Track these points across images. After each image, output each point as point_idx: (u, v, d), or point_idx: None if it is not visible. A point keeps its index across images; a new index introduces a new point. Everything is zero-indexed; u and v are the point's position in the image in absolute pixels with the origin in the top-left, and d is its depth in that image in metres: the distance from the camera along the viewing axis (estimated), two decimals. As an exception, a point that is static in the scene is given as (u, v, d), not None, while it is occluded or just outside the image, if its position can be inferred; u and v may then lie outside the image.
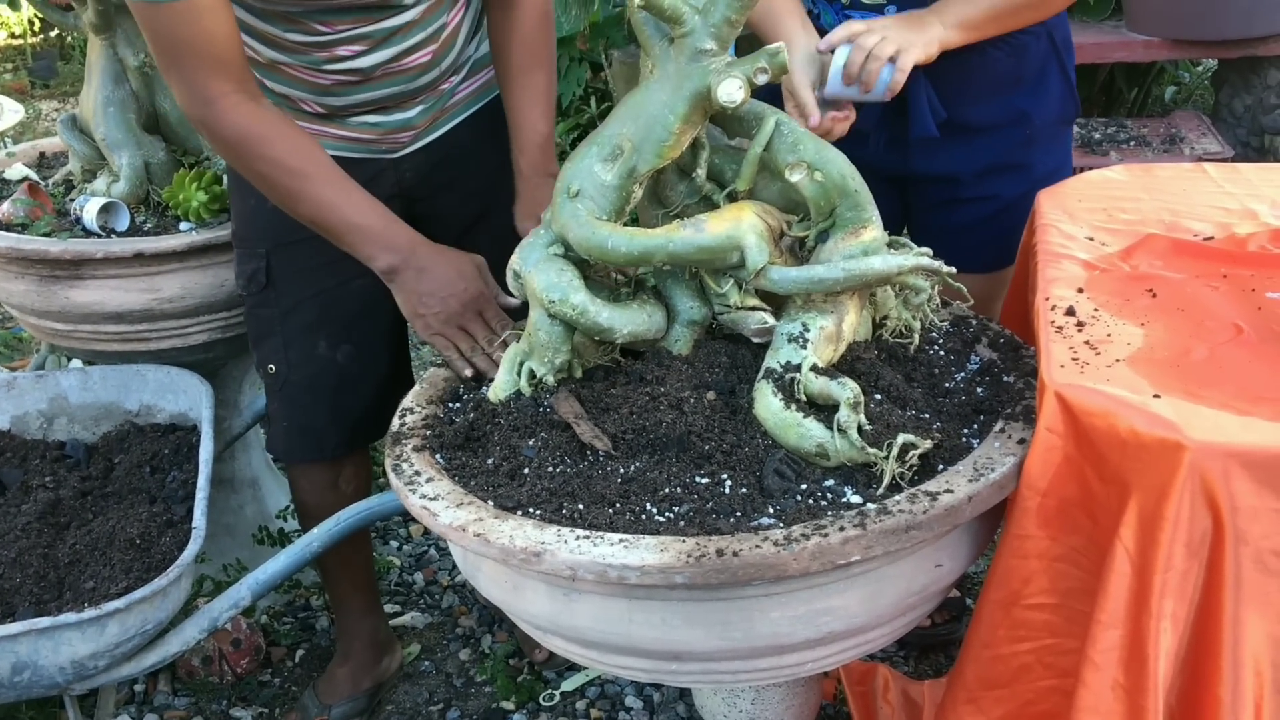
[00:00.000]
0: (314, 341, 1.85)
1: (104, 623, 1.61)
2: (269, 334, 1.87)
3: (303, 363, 1.86)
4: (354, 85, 1.71)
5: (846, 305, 1.37)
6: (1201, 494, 1.09)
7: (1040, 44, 1.79)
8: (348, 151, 1.77)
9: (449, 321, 1.59)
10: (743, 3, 1.30)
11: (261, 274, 1.83)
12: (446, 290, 1.60)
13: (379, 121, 1.78)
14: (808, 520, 1.17)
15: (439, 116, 1.83)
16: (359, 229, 1.61)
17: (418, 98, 1.78)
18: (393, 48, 1.68)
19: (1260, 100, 3.83)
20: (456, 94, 1.84)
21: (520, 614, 1.33)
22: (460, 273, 1.62)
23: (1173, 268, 1.46)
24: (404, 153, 1.82)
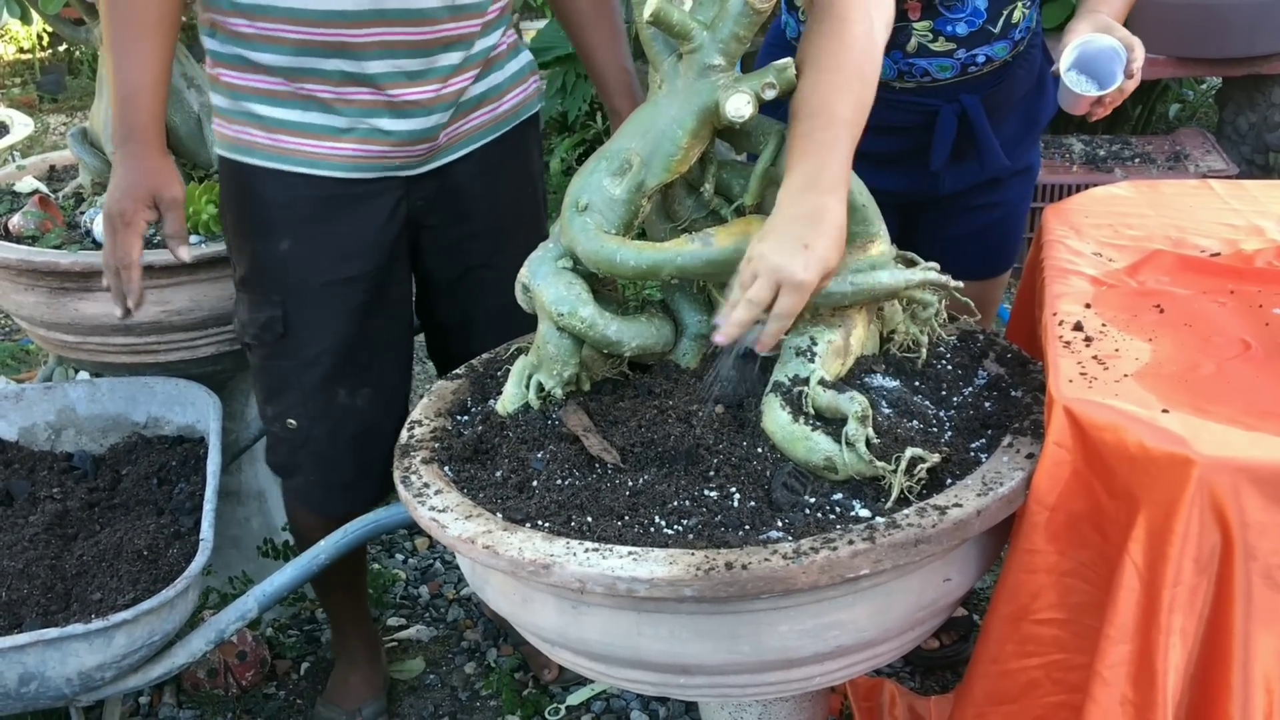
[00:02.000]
0: (334, 390, 1.77)
1: (111, 634, 1.61)
2: (286, 387, 1.78)
3: (325, 414, 1.78)
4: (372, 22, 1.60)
5: (854, 319, 1.37)
6: (1210, 509, 1.09)
7: (1038, 52, 1.83)
8: (361, 172, 1.71)
9: (106, 220, 1.60)
10: (750, 19, 1.31)
11: (278, 323, 1.73)
12: (114, 190, 1.59)
13: (393, 130, 1.69)
14: (816, 534, 1.17)
15: (454, 139, 1.75)
16: (114, 86, 1.57)
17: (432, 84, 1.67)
18: None
19: (1265, 118, 3.84)
20: (471, 117, 1.77)
21: (528, 627, 1.33)
22: (128, 185, 1.58)
23: (1180, 284, 1.47)
24: (417, 171, 1.74)
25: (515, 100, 1.83)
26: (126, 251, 1.58)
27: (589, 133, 4.60)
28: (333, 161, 1.70)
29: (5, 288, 2.13)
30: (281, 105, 1.68)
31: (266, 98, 1.68)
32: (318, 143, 1.69)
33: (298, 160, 1.69)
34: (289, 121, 1.69)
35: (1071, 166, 3.56)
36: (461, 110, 1.74)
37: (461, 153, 1.78)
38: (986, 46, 1.70)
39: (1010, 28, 1.70)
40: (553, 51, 4.61)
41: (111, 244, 1.60)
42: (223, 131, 1.73)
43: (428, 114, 1.70)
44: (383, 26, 1.62)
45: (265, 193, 1.71)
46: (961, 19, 1.66)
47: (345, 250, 1.73)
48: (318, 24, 1.61)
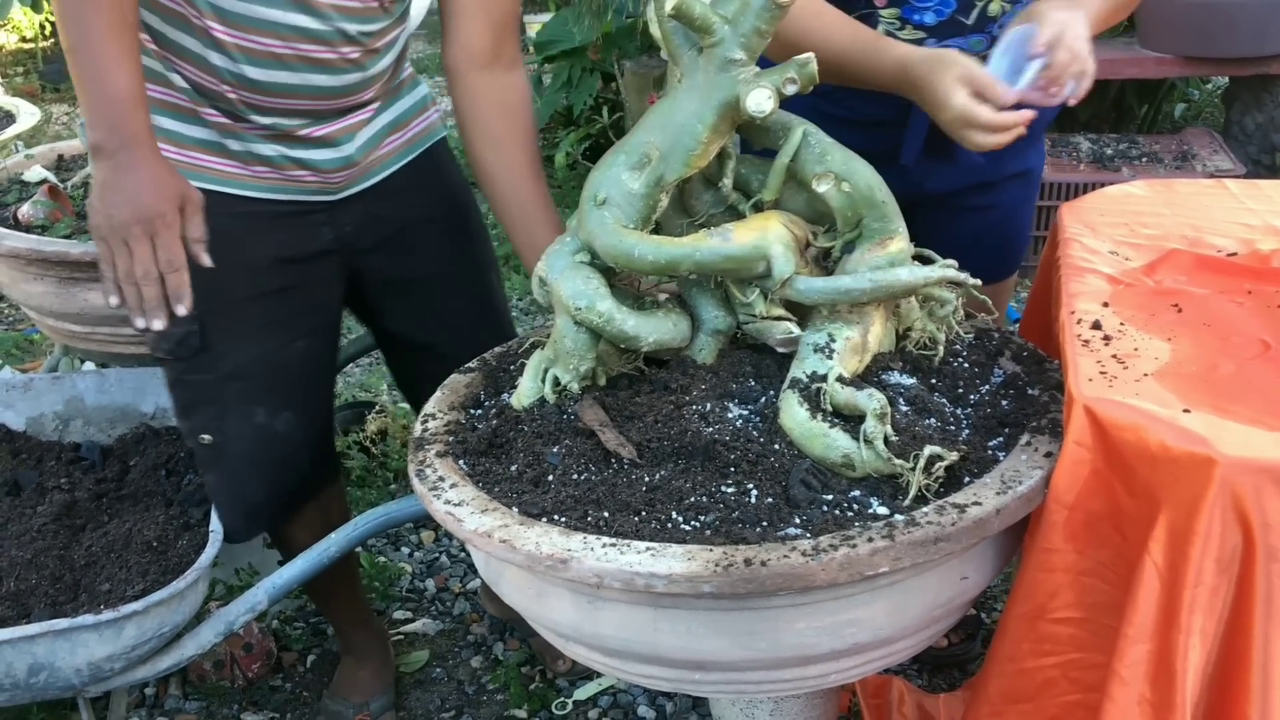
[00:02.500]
0: (252, 410, 1.75)
1: (122, 625, 1.61)
2: (202, 402, 1.75)
3: (241, 433, 1.75)
4: (271, 58, 1.59)
5: (872, 316, 1.37)
6: (1232, 509, 1.09)
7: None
8: (277, 194, 1.70)
9: (116, 230, 1.45)
10: (773, 13, 1.30)
11: (195, 338, 1.69)
12: (131, 197, 1.45)
13: (306, 159, 1.69)
14: (835, 531, 1.17)
15: (367, 167, 1.75)
16: (104, 93, 1.45)
17: (335, 119, 1.69)
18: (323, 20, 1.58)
19: (1271, 118, 3.84)
20: (383, 145, 1.77)
21: (543, 621, 1.33)
22: (156, 188, 1.47)
23: (1197, 283, 1.46)
24: (341, 196, 1.74)
25: (420, 127, 1.84)
26: (177, 253, 1.48)
27: (594, 127, 4.59)
28: (247, 182, 1.69)
29: (15, 277, 2.13)
30: (191, 123, 1.66)
31: (175, 113, 1.66)
32: (229, 163, 1.68)
33: (210, 178, 1.67)
34: (200, 140, 1.67)
35: (1079, 165, 3.56)
36: (373, 141, 1.76)
37: (377, 178, 1.79)
38: (960, 39, 1.64)
39: (987, 21, 1.64)
40: (557, 45, 4.61)
41: (148, 249, 1.47)
42: None
43: (338, 146, 1.71)
44: (305, 99, 1.65)
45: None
46: (930, 8, 1.61)
47: (263, 267, 1.72)
48: (235, 84, 1.61)
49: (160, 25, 1.60)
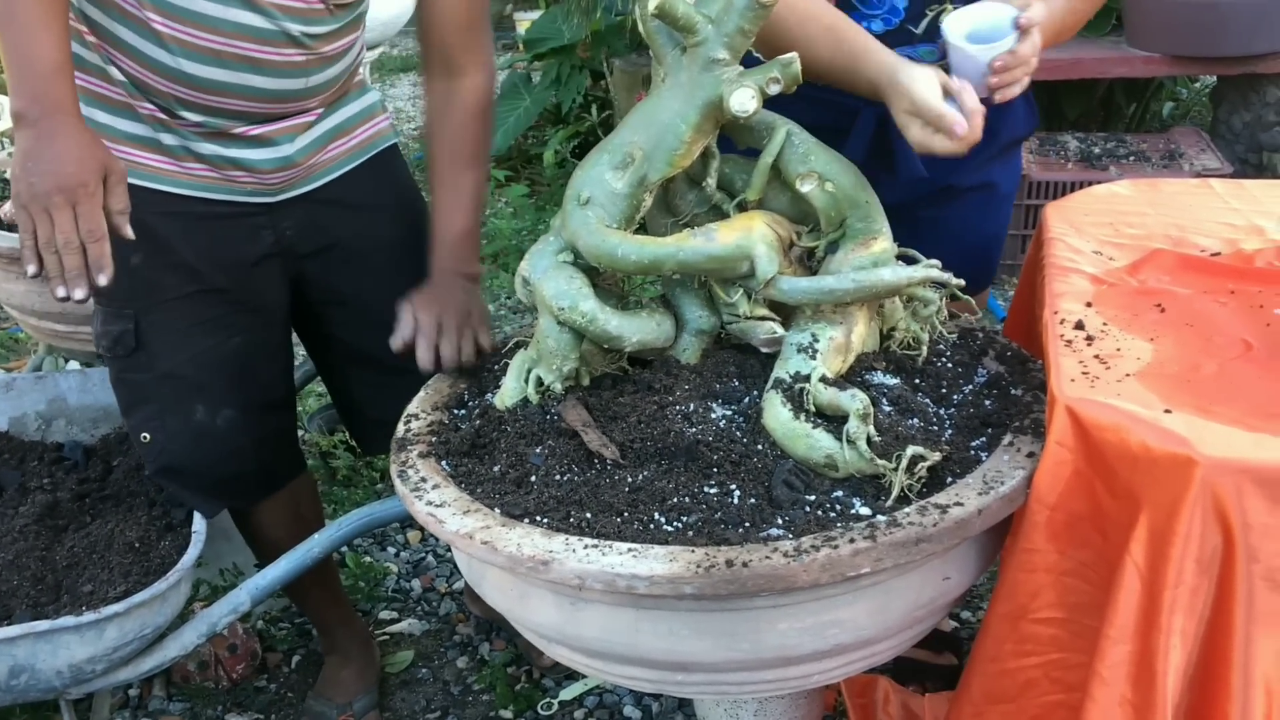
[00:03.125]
0: (191, 407, 1.74)
1: (103, 626, 1.60)
2: (142, 400, 1.75)
3: (180, 430, 1.74)
4: (210, 55, 1.57)
5: (855, 316, 1.37)
6: (1213, 510, 1.09)
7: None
8: (213, 193, 1.69)
9: (36, 199, 1.41)
10: (756, 13, 1.29)
11: (130, 336, 1.70)
12: (53, 165, 1.42)
13: (243, 158, 1.68)
14: (817, 531, 1.16)
15: (310, 170, 1.74)
16: (28, 61, 1.44)
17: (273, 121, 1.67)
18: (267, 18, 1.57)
19: (1259, 117, 3.85)
20: (328, 149, 1.76)
21: (526, 623, 1.32)
22: (79, 157, 1.43)
23: (1180, 283, 1.46)
24: (280, 198, 1.73)
25: (368, 133, 1.82)
26: (98, 222, 1.44)
27: (583, 125, 4.59)
28: (181, 180, 1.68)
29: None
30: (125, 117, 1.65)
31: (112, 107, 1.64)
32: (164, 160, 1.67)
33: (145, 175, 1.66)
34: (133, 135, 1.65)
35: (1066, 164, 3.56)
36: (315, 145, 1.74)
37: (320, 182, 1.77)
38: (908, 48, 1.59)
39: (937, 31, 1.57)
40: (546, 43, 4.60)
41: (69, 217, 1.43)
42: None
43: (275, 146, 1.69)
44: (241, 100, 1.63)
45: None
46: (878, 15, 1.59)
47: (196, 267, 1.71)
48: (171, 79, 1.60)
49: (99, 16, 1.58)
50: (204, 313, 1.71)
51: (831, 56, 1.49)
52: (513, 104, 4.55)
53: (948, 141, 1.38)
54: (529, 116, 4.59)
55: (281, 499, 1.90)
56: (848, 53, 1.48)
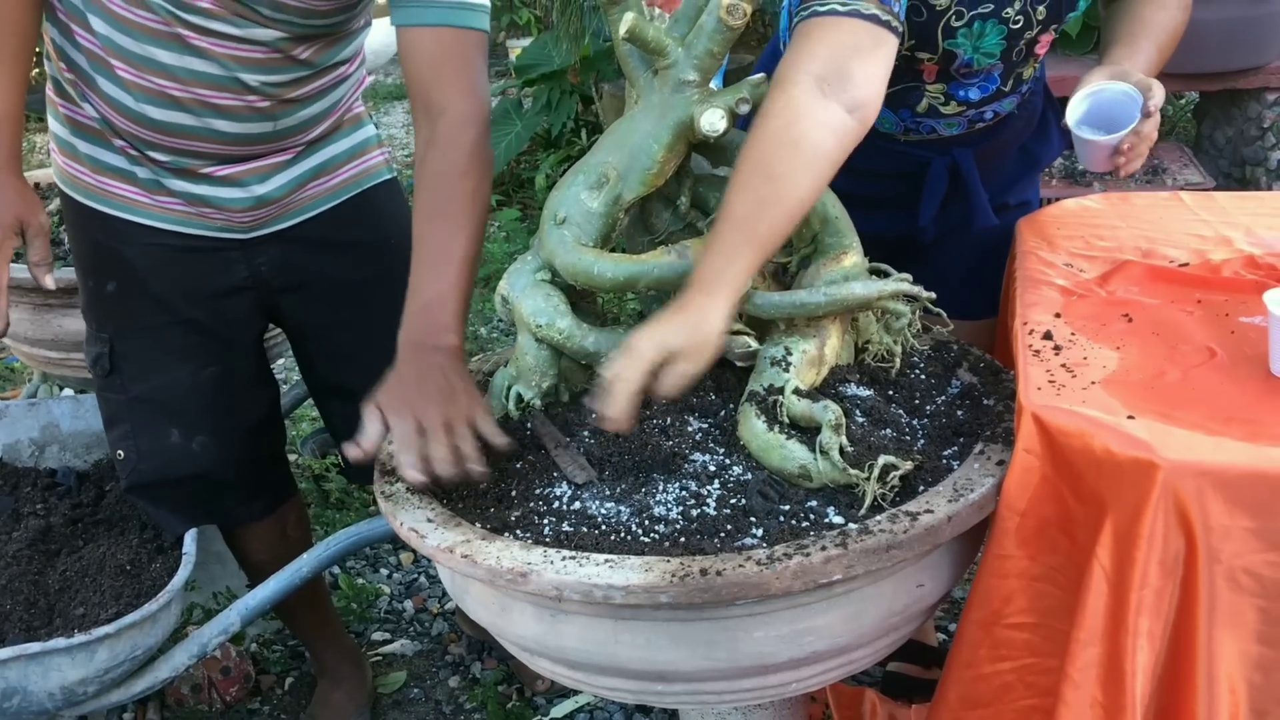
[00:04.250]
0: (165, 430, 1.76)
1: (94, 648, 1.62)
2: (118, 419, 1.79)
3: (154, 452, 1.77)
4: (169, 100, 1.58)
5: (829, 329, 1.39)
6: (1175, 513, 1.11)
7: (1040, 99, 1.81)
8: (187, 228, 1.69)
9: None
10: (725, 35, 1.33)
11: (106, 360, 1.75)
12: None
13: (213, 196, 1.68)
14: (791, 540, 1.19)
15: (285, 209, 1.73)
16: None
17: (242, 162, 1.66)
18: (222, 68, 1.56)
19: (1241, 132, 3.88)
20: (306, 188, 1.74)
21: (508, 636, 1.34)
22: None
23: (1148, 293, 1.49)
24: (254, 235, 1.73)
25: (354, 170, 1.79)
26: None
27: (573, 149, 4.63)
28: (155, 213, 1.70)
29: (-11, 304, 2.14)
30: (103, 147, 1.67)
31: (93, 137, 1.67)
32: (139, 192, 1.68)
33: (122, 206, 1.69)
34: (110, 166, 1.68)
35: (1050, 180, 3.59)
36: (291, 185, 1.72)
37: (297, 219, 1.75)
38: (996, 104, 1.67)
39: (1021, 83, 1.67)
40: (538, 68, 4.65)
41: None
42: (57, 161, 1.73)
43: (244, 186, 1.69)
44: (206, 142, 1.63)
45: (93, 233, 1.71)
46: (975, 84, 1.63)
47: (166, 299, 1.73)
48: (135, 122, 1.61)
49: (74, 54, 1.62)
50: (176, 342, 1.73)
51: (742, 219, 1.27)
52: (504, 129, 4.60)
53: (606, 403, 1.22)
54: (520, 141, 4.63)
55: (267, 521, 1.92)
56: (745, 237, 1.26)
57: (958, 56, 1.56)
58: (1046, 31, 1.60)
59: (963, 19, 1.51)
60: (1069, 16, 1.60)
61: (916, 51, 1.55)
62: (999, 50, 1.57)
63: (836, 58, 1.27)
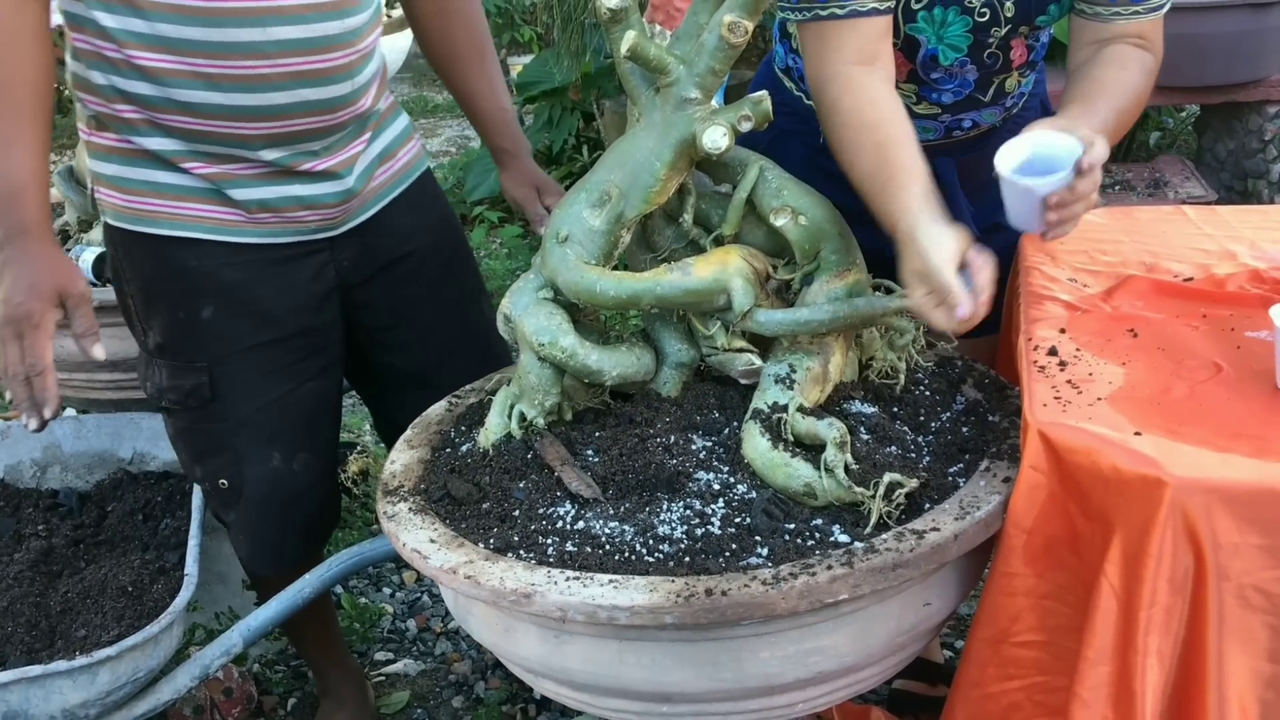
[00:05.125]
0: (269, 454, 1.76)
1: (95, 670, 1.61)
2: (217, 449, 1.76)
3: (259, 477, 1.76)
4: (257, 81, 1.57)
5: (832, 347, 1.39)
6: (1183, 530, 1.10)
7: (1036, 115, 1.77)
8: (279, 237, 1.70)
9: (7, 322, 1.45)
10: (726, 53, 1.33)
11: (205, 389, 1.71)
12: (7, 293, 1.44)
13: (306, 195, 1.68)
14: (796, 559, 1.18)
15: (363, 200, 1.76)
16: (17, 188, 1.45)
17: (336, 150, 1.68)
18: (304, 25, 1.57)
19: (1242, 145, 3.88)
20: (375, 177, 1.78)
21: (511, 657, 1.33)
22: (29, 286, 1.45)
23: (1153, 308, 1.48)
24: (339, 231, 1.75)
25: (408, 156, 1.85)
26: (40, 355, 1.46)
27: (575, 165, 4.64)
28: (246, 229, 1.67)
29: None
30: (181, 173, 1.64)
31: (170, 168, 1.64)
32: (229, 211, 1.66)
33: (210, 228, 1.66)
34: (197, 190, 1.65)
35: (1052, 194, 3.59)
36: (368, 171, 1.76)
37: (372, 210, 1.79)
38: (974, 112, 1.66)
39: (1003, 95, 1.66)
40: (539, 86, 4.66)
41: (16, 350, 1.46)
42: (114, 201, 1.67)
43: (340, 179, 1.71)
44: (300, 118, 1.63)
45: (180, 260, 1.67)
46: (948, 89, 1.62)
47: (270, 313, 1.72)
48: (237, 117, 1.59)
49: (140, 87, 1.57)
50: (276, 361, 1.73)
51: (870, 174, 1.39)
52: (506, 147, 4.61)
53: (944, 317, 1.27)
54: (523, 158, 4.64)
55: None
56: (884, 178, 1.37)
57: (921, 44, 1.55)
58: (1017, 35, 1.58)
59: (921, 1, 1.51)
60: (1039, 20, 1.59)
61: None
62: (966, 44, 1.55)
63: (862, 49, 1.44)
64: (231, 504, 1.80)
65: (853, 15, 1.43)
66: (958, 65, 1.57)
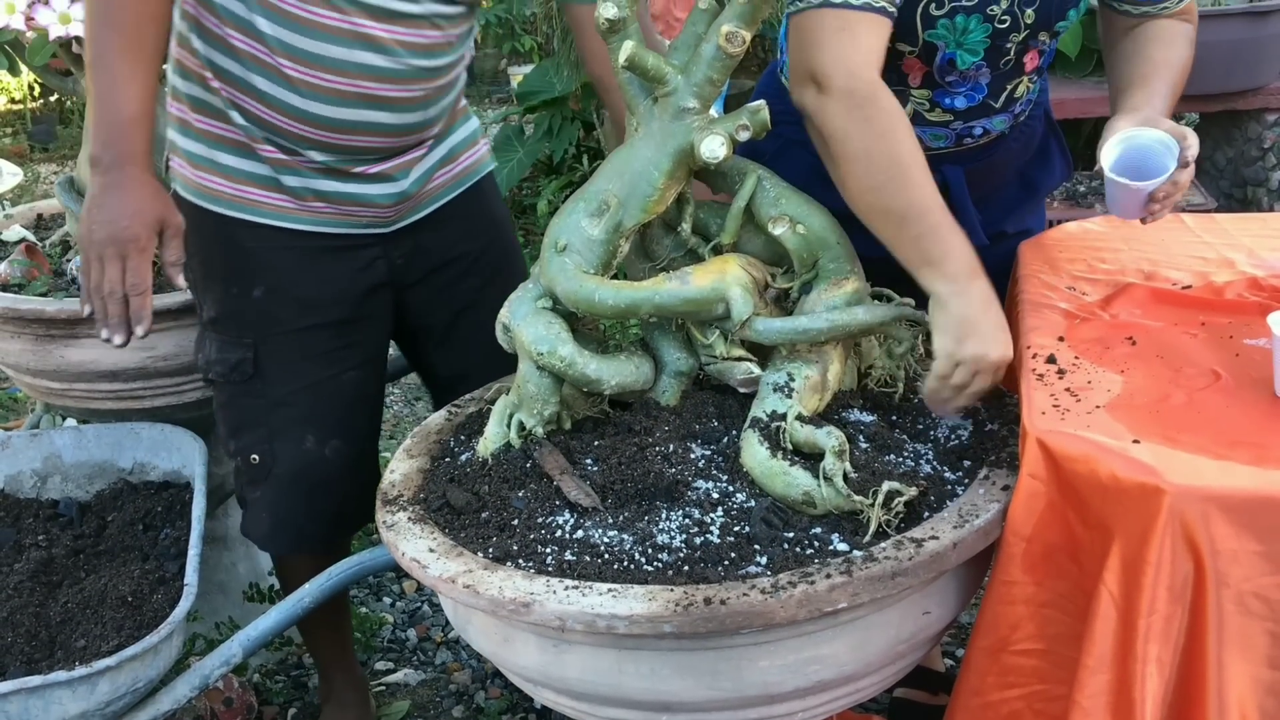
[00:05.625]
0: (302, 435, 1.80)
1: (95, 681, 1.61)
2: (253, 424, 1.81)
3: (289, 457, 1.80)
4: (329, 94, 1.64)
5: (831, 355, 1.39)
6: (1182, 538, 1.10)
7: (1040, 124, 1.80)
8: (332, 228, 1.75)
9: (93, 245, 1.54)
10: (724, 63, 1.33)
11: (248, 365, 1.77)
12: (111, 217, 1.53)
13: (361, 194, 1.74)
14: (795, 568, 1.18)
15: (419, 200, 1.81)
16: (110, 109, 1.53)
17: (392, 158, 1.74)
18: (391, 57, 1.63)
19: (1241, 153, 3.89)
20: (434, 179, 1.82)
21: (511, 666, 1.33)
22: (135, 211, 1.53)
23: (1152, 316, 1.49)
24: (393, 229, 1.79)
25: (470, 160, 1.89)
26: (143, 277, 1.56)
27: (575, 174, 4.64)
28: (301, 217, 1.73)
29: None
30: (248, 158, 1.71)
31: (233, 148, 1.71)
32: (284, 198, 1.73)
33: (266, 213, 1.73)
34: (255, 175, 1.72)
35: (1052, 202, 3.60)
36: (426, 175, 1.80)
37: (427, 210, 1.83)
38: (985, 119, 1.66)
39: (1012, 102, 1.66)
40: (539, 95, 4.67)
41: (118, 270, 1.54)
42: (187, 175, 1.76)
43: (394, 181, 1.76)
44: (366, 136, 1.69)
45: (238, 240, 1.74)
46: (961, 93, 1.62)
47: (314, 299, 1.76)
48: (304, 121, 1.66)
49: (230, 64, 1.65)
50: (319, 346, 1.77)
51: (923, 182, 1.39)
52: (506, 156, 4.61)
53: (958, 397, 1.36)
54: (522, 168, 4.65)
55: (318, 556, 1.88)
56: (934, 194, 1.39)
57: (939, 50, 1.55)
58: (1036, 40, 1.59)
59: (943, 8, 1.51)
60: (1058, 26, 1.59)
61: (897, 43, 1.53)
62: (983, 49, 1.56)
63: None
64: (259, 480, 1.83)
65: (866, 9, 1.40)
66: (973, 69, 1.58)
